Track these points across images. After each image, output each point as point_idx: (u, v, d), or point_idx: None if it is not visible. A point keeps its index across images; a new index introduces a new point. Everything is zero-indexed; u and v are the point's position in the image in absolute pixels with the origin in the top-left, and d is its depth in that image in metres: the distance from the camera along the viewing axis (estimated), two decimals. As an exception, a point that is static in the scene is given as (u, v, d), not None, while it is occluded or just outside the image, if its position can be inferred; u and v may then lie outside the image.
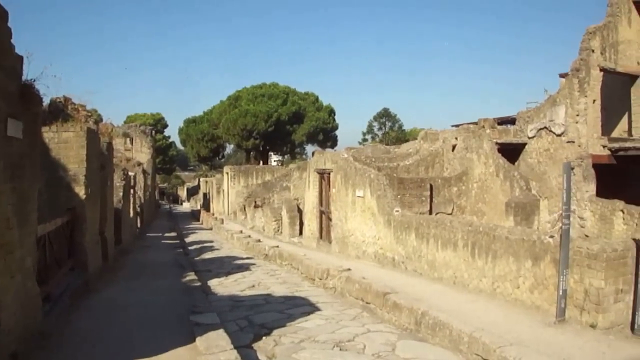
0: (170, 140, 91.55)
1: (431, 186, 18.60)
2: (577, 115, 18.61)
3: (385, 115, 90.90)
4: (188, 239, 29.17)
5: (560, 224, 9.47)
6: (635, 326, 8.79)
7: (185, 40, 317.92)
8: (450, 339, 8.63)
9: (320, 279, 13.78)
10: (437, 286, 12.30)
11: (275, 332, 9.41)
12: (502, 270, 10.84)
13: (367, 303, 11.35)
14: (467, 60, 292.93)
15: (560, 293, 9.11)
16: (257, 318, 10.45)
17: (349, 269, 13.59)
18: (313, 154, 24.98)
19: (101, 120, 25.86)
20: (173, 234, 32.54)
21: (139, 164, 40.69)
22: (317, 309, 11.18)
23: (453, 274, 12.43)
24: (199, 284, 13.46)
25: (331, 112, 71.94)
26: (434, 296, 11.09)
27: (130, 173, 27.51)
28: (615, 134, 21.52)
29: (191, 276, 14.42)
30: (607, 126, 21.01)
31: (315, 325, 9.89)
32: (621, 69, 20.07)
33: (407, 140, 39.34)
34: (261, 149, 67.04)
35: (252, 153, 67.66)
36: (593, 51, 19.02)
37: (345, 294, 12.40)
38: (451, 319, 9.01)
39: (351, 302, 11.87)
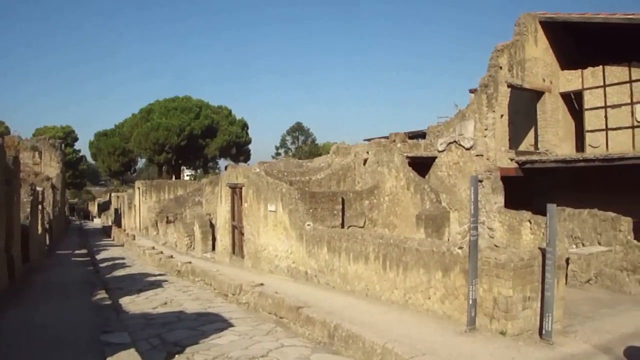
0: (81, 154, 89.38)
1: (343, 200, 18.66)
2: (486, 129, 19.06)
3: (298, 130, 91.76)
4: (99, 256, 28.38)
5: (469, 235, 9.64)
6: (543, 331, 9.07)
7: (97, 50, 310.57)
8: (363, 351, 8.68)
9: (234, 295, 13.65)
10: (350, 299, 12.32)
11: (188, 349, 9.26)
12: (414, 281, 10.97)
13: (280, 318, 11.32)
14: (380, 75, 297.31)
15: (470, 302, 9.29)
16: (170, 336, 10.25)
17: (262, 284, 13.55)
18: (226, 168, 24.75)
19: (7, 132, 25.02)
20: (84, 251, 31.63)
21: (48, 178, 39.55)
22: (231, 325, 11.06)
23: (365, 287, 12.50)
24: (110, 302, 13.12)
25: (244, 126, 71.89)
26: (347, 309, 11.12)
27: (38, 188, 26.67)
28: (522, 147, 22.17)
29: (102, 294, 14.03)
30: (515, 140, 21.63)
31: (228, 342, 9.78)
32: (528, 85, 20.67)
33: (320, 154, 39.59)
34: (173, 163, 66.26)
35: (164, 167, 66.77)
36: (501, 68, 19.51)
37: (258, 309, 12.33)
38: (364, 331, 9.09)
39: (265, 317, 11.81)
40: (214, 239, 25.27)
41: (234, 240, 21.16)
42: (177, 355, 8.93)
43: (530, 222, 17.10)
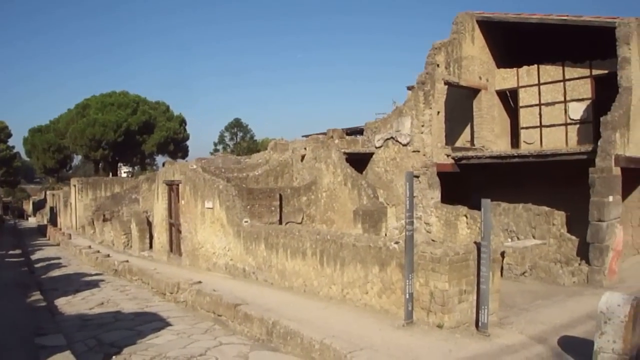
0: (15, 150, 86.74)
1: (281, 196, 18.58)
2: (422, 125, 19.21)
3: (236, 126, 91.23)
4: (34, 256, 27.71)
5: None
6: (480, 324, 9.26)
7: (30, 43, 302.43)
8: (302, 347, 8.71)
9: (171, 293, 13.55)
10: (288, 295, 12.36)
11: (126, 350, 9.15)
12: (351, 276, 11.05)
13: (218, 316, 11.29)
14: (320, 71, 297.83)
15: (407, 296, 9.40)
16: (107, 337, 10.11)
17: (200, 282, 13.50)
18: (163, 164, 24.43)
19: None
20: (18, 251, 30.84)
21: (-20, 177, 38.50)
22: (168, 324, 10.99)
23: (303, 283, 12.54)
24: (44, 303, 12.89)
25: (182, 122, 70.87)
26: (285, 305, 11.16)
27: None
28: (458, 143, 22.47)
29: (37, 296, 13.76)
30: (451, 136, 21.87)
31: (166, 341, 9.71)
32: (464, 83, 20.92)
33: (258, 151, 39.34)
34: (110, 160, 64.89)
35: (100, 164, 65.38)
36: (438, 66, 19.67)
37: (196, 308, 12.27)
38: (302, 328, 9.13)
39: (203, 316, 11.78)
40: (151, 237, 24.88)
41: (171, 238, 20.90)
42: (114, 357, 8.81)
43: (467, 217, 17.35)
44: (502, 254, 14.24)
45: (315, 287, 12.14)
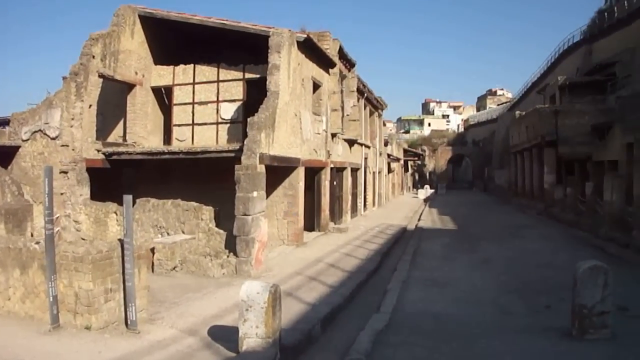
0: None
1: None
2: (73, 119, 18.63)
3: None
4: None
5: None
6: (129, 321, 9.36)
7: None
8: None
9: None
10: None
11: None
12: (-9, 282, 10.38)
13: None
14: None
15: (51, 299, 9.20)
16: None
17: None
18: None
19: None
20: None
21: None
22: None
23: None
24: None
25: None
26: None
27: None
28: (111, 139, 22.10)
29: None
30: (104, 131, 21.46)
31: None
32: (119, 77, 20.60)
33: None
34: None
35: None
36: (94, 57, 19.16)
37: None
38: None
39: None
40: None
41: None
42: None
43: (117, 214, 17.28)
44: (152, 250, 14.43)
45: (-48, 295, 11.19)
